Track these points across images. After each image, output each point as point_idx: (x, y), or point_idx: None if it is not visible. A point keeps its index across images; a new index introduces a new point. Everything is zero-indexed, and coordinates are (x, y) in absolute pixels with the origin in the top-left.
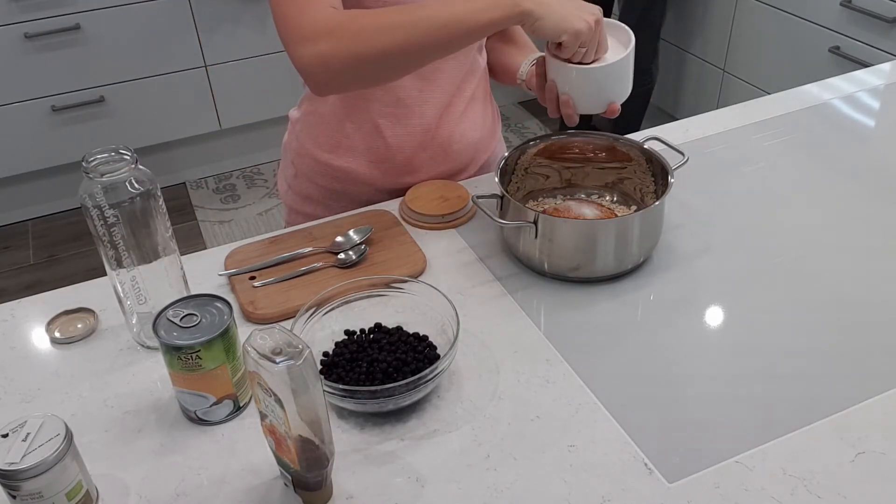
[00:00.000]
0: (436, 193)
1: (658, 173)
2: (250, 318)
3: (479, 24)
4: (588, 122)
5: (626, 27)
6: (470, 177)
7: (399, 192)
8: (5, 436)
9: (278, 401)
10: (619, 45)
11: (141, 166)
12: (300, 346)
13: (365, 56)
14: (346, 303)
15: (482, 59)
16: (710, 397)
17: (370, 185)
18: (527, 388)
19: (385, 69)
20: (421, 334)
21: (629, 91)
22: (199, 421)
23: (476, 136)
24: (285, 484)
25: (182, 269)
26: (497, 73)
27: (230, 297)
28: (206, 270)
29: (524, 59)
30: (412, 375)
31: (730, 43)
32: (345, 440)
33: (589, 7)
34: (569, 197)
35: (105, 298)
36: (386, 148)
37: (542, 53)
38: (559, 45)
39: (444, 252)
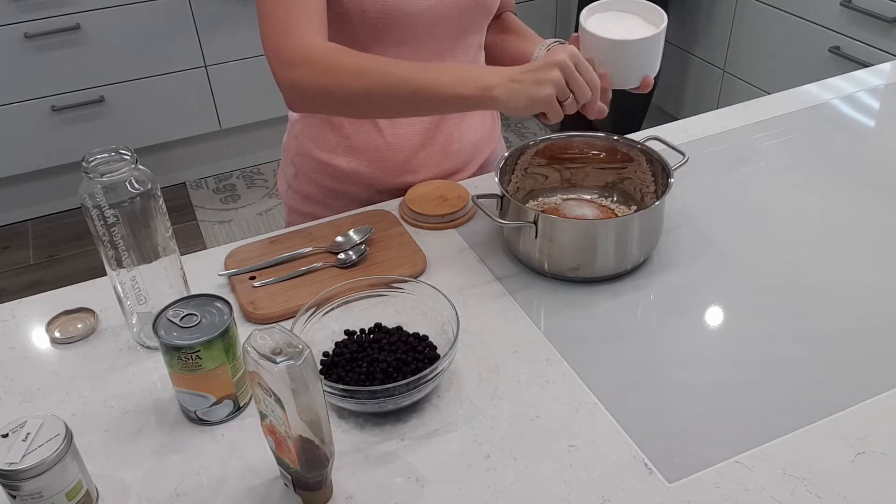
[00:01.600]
0: (436, 193)
1: (658, 173)
2: (250, 318)
3: (447, 97)
4: (588, 123)
5: (660, 8)
6: (470, 176)
7: (399, 192)
8: (5, 436)
9: (278, 401)
10: (651, 26)
11: (141, 166)
12: (300, 346)
13: (335, 93)
14: (346, 303)
15: (481, 58)
16: (711, 397)
17: (370, 185)
18: (527, 388)
19: (352, 109)
20: (421, 334)
21: (658, 66)
22: (199, 421)
23: (476, 135)
24: (285, 484)
25: (182, 269)
26: (505, 64)
27: (230, 297)
28: (206, 270)
29: (533, 46)
30: (412, 375)
31: (730, 43)
32: (345, 440)
33: (554, 59)
34: (569, 197)
35: (105, 298)
36: (386, 147)
37: (551, 40)
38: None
39: (444, 252)
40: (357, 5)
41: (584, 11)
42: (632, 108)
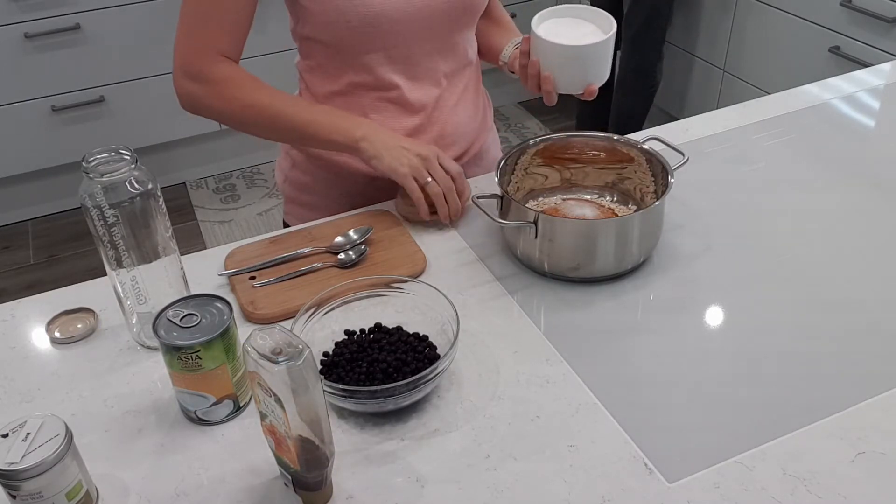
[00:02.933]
0: None
1: (658, 173)
2: (250, 318)
3: (323, 140)
4: (596, 124)
5: (610, 16)
6: (463, 166)
7: (395, 183)
8: (5, 436)
9: (278, 401)
10: (601, 32)
11: (141, 166)
12: (300, 346)
13: (225, 118)
14: (346, 303)
15: (472, 51)
16: (710, 397)
17: (365, 176)
18: (527, 388)
19: (238, 129)
20: (421, 334)
21: (607, 76)
22: (199, 421)
23: (469, 126)
24: (285, 484)
25: (182, 269)
26: (482, 51)
27: (230, 297)
28: (206, 270)
29: (507, 42)
30: (412, 375)
31: (730, 43)
32: (345, 440)
33: (418, 150)
34: (569, 197)
35: (105, 298)
36: None
37: (517, 39)
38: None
39: (444, 252)
40: (341, 15)
41: (536, 16)
42: (633, 109)
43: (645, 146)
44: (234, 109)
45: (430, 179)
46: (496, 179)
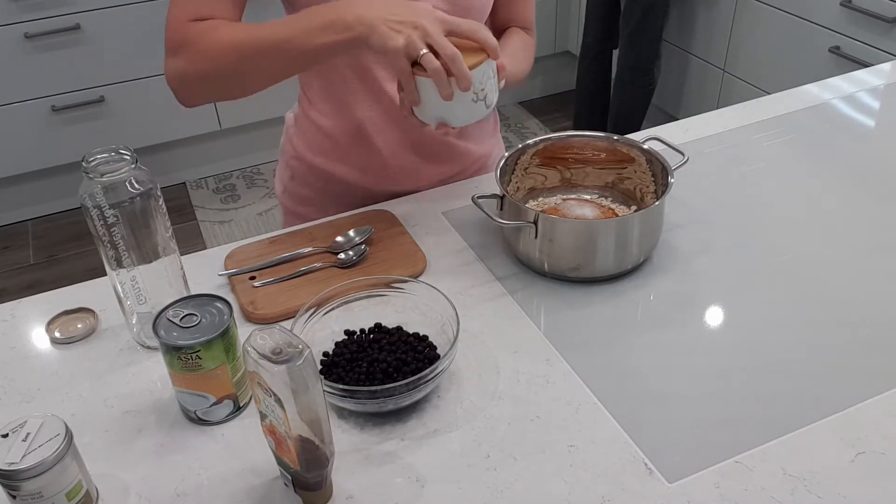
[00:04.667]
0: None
1: (658, 173)
2: (250, 318)
3: (319, 47)
4: (594, 124)
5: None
6: (469, 177)
7: (398, 196)
8: (5, 436)
9: (278, 401)
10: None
11: (141, 166)
12: (300, 346)
13: (211, 74)
14: (346, 303)
15: None
16: (710, 397)
17: (364, 189)
18: (527, 388)
19: (233, 86)
20: (421, 334)
21: (462, 122)
22: (199, 421)
23: (474, 136)
24: (285, 484)
25: (182, 269)
26: None
27: (230, 297)
28: (206, 270)
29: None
30: (412, 375)
31: (730, 43)
32: (345, 440)
33: (417, 12)
34: (569, 197)
35: (105, 298)
36: (378, 157)
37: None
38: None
39: (444, 252)
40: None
41: None
42: (630, 107)
43: (645, 146)
44: (214, 60)
45: (424, 51)
46: (496, 179)
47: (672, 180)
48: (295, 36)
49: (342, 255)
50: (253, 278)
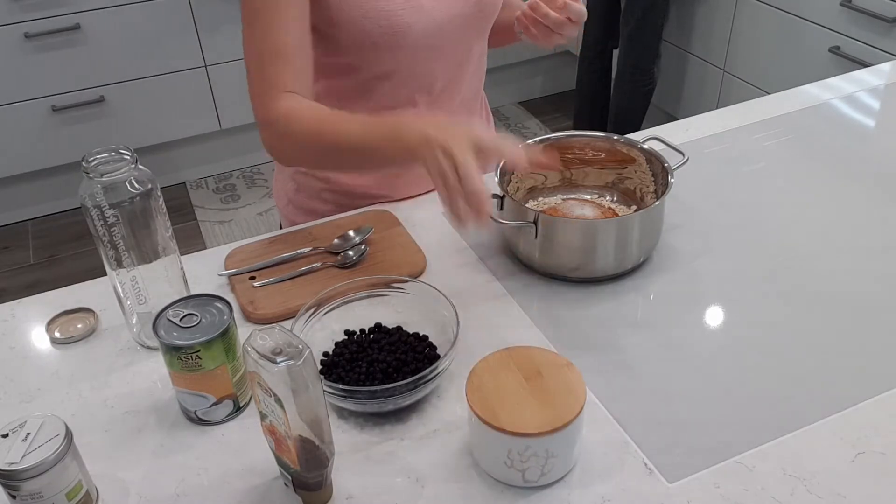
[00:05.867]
0: None
1: (658, 173)
2: (250, 318)
3: (386, 160)
4: (594, 123)
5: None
6: None
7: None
8: (5, 436)
9: (278, 401)
10: None
11: (141, 166)
12: (300, 346)
13: (298, 157)
14: (346, 303)
15: (484, 62)
16: (710, 397)
17: (374, 200)
18: None
19: (318, 167)
20: (421, 334)
21: None
22: (199, 421)
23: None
24: (285, 484)
25: (182, 269)
26: (498, 34)
27: (230, 297)
28: (206, 270)
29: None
30: (412, 375)
31: (730, 43)
32: (345, 440)
33: (446, 139)
34: (569, 197)
35: (105, 298)
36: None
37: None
38: None
39: (444, 252)
40: (366, 36)
41: None
42: (630, 107)
43: (645, 146)
44: (294, 146)
45: (448, 174)
46: (496, 179)
47: (672, 180)
48: (366, 146)
49: (342, 255)
50: (253, 278)
